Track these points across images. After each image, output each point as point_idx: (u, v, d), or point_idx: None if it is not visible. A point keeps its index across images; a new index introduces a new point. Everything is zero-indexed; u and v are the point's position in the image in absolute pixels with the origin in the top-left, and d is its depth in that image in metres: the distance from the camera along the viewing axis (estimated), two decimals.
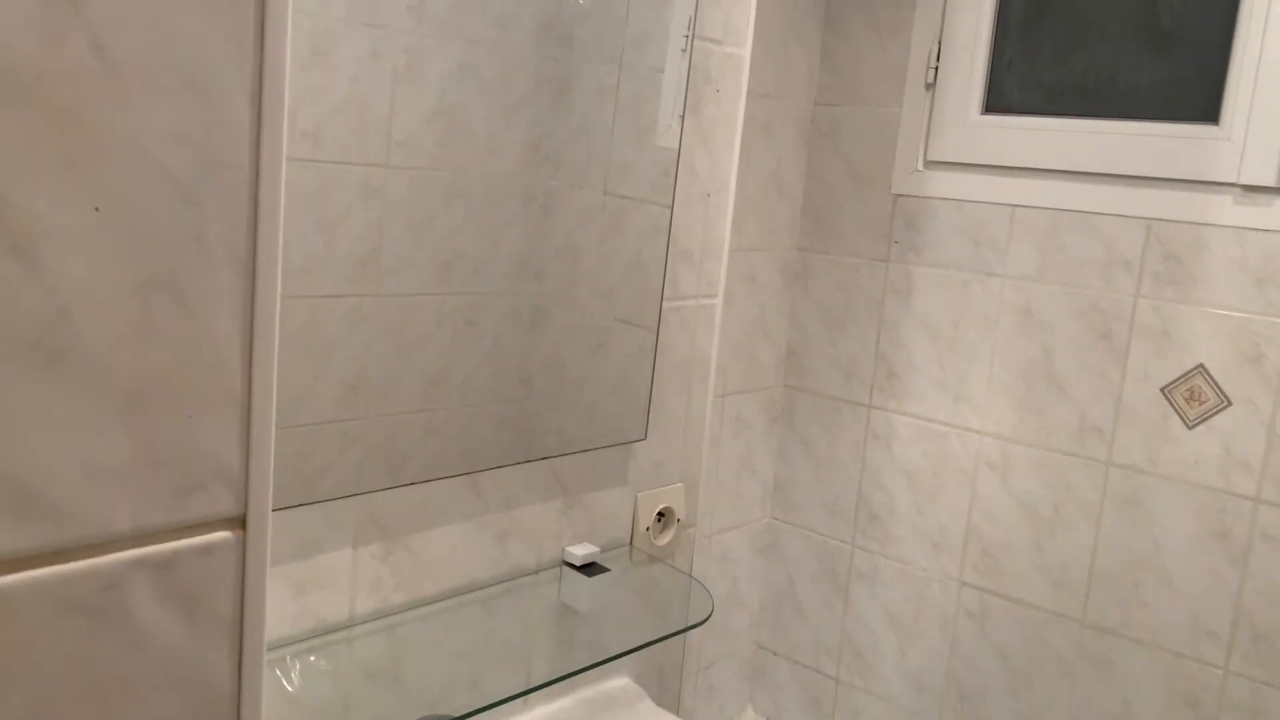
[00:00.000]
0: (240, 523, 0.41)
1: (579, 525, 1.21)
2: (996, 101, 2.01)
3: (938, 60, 2.05)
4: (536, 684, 1.10)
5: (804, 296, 2.27)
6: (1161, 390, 1.83)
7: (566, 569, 1.20)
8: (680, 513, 1.31)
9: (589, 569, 1.19)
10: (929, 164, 2.08)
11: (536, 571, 1.19)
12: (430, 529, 1.07)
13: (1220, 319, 1.76)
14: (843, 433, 2.24)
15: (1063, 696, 1.97)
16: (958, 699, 2.10)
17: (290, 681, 0.95)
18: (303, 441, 1.00)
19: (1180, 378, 1.81)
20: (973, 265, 2.03)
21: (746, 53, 1.31)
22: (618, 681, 1.30)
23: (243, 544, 0.41)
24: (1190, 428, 1.80)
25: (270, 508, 0.42)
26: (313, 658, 0.98)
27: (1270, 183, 1.69)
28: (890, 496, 2.17)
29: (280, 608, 0.95)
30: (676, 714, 1.38)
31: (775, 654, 2.39)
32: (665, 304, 1.22)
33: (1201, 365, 1.79)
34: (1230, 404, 1.76)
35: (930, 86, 2.06)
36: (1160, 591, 1.85)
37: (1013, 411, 2.00)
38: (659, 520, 1.30)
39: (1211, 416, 1.78)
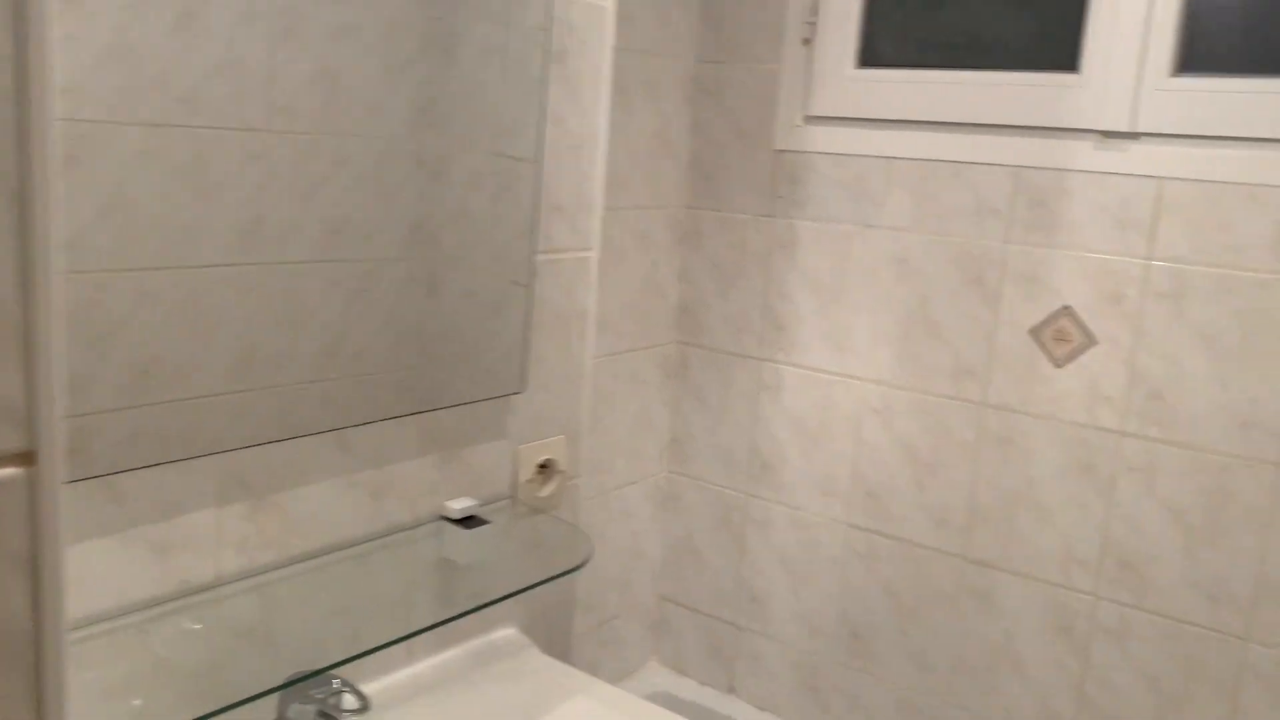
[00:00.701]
0: (30, 458, 0.42)
1: (458, 480, 1.23)
2: (871, 55, 2.05)
3: (814, 15, 2.08)
4: (415, 629, 1.12)
5: (696, 253, 2.30)
6: (1030, 332, 1.90)
7: (445, 523, 1.22)
8: (563, 464, 1.34)
9: (468, 522, 1.21)
10: (809, 119, 2.12)
11: (414, 527, 1.21)
12: (298, 487, 1.08)
13: (1085, 261, 1.84)
14: (735, 386, 2.28)
15: (948, 630, 2.05)
16: (850, 637, 2.18)
17: (158, 643, 0.96)
18: (175, 411, 1.00)
19: (1048, 319, 1.88)
20: (853, 218, 2.07)
21: (609, 2, 1.32)
22: (504, 632, 1.33)
23: (33, 480, 0.42)
24: (1058, 367, 1.88)
25: (60, 444, 0.43)
26: (180, 619, 0.99)
27: (1125, 128, 1.76)
28: (781, 446, 2.23)
29: (141, 570, 0.95)
30: (566, 662, 1.42)
31: (677, 604, 2.44)
32: (538, 257, 1.24)
33: (1068, 306, 1.86)
34: (1095, 343, 1.84)
35: (808, 42, 2.10)
36: (1034, 524, 1.94)
37: (893, 358, 2.06)
38: (541, 472, 1.32)
39: (1078, 355, 1.86)
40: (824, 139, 2.09)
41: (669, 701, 2.38)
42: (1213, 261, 1.73)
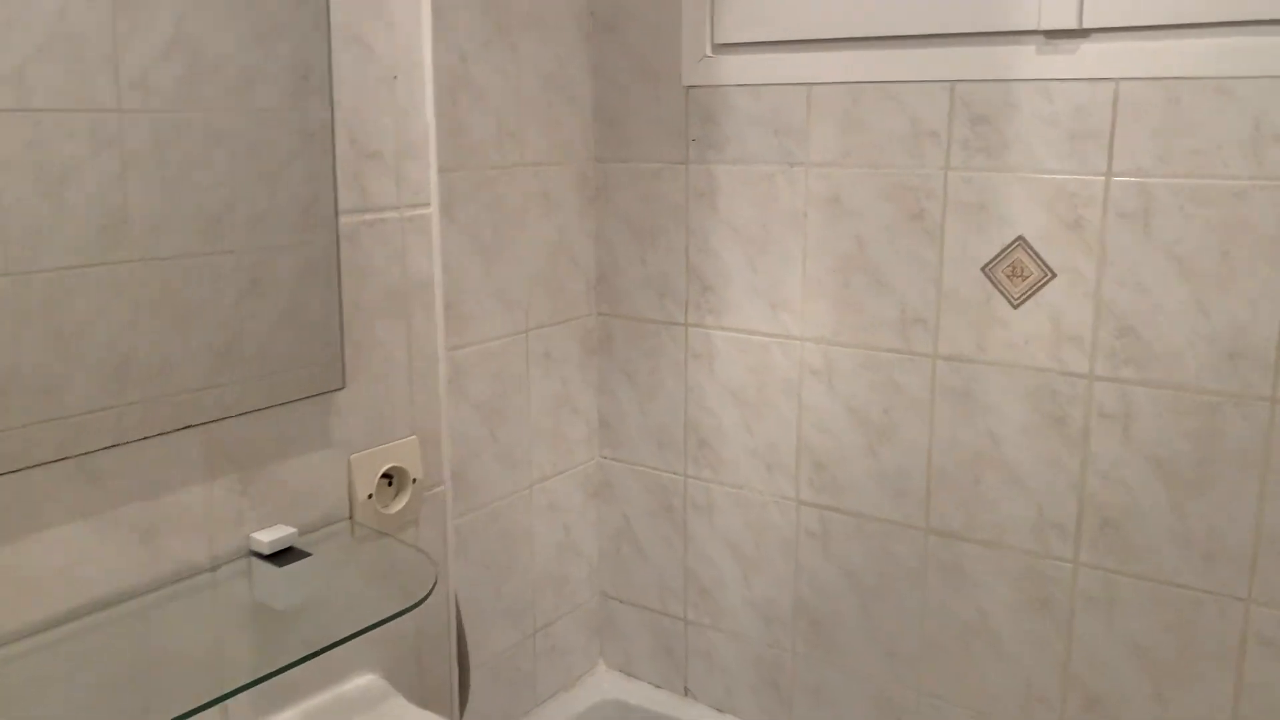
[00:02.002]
0: None
1: (271, 504, 0.99)
2: None
3: None
4: (221, 694, 0.88)
5: (608, 213, 2.05)
6: (983, 269, 1.67)
7: (256, 560, 0.98)
8: (416, 472, 1.10)
9: (283, 556, 0.98)
10: (718, 48, 1.87)
11: (215, 568, 0.97)
12: (28, 535, 0.84)
13: (1036, 183, 1.60)
14: (663, 357, 2.04)
15: (915, 610, 1.82)
16: (809, 625, 1.95)
17: None
18: None
19: (1000, 254, 1.65)
20: (775, 156, 1.83)
21: None
22: (360, 680, 1.09)
23: None
24: (1016, 306, 1.65)
25: None
26: None
27: (1071, 25, 1.52)
28: (718, 419, 1.99)
29: None
30: (453, 705, 1.18)
31: (621, 601, 2.21)
32: (346, 219, 0.99)
33: (1021, 237, 1.63)
34: (1054, 276, 1.61)
35: None
36: (1002, 487, 1.71)
37: (832, 312, 1.82)
38: (389, 484, 1.09)
39: (1036, 292, 1.63)
40: (737, 70, 1.84)
41: (620, 710, 2.15)
42: (1180, 171, 1.49)
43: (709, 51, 1.87)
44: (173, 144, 0.94)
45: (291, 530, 0.99)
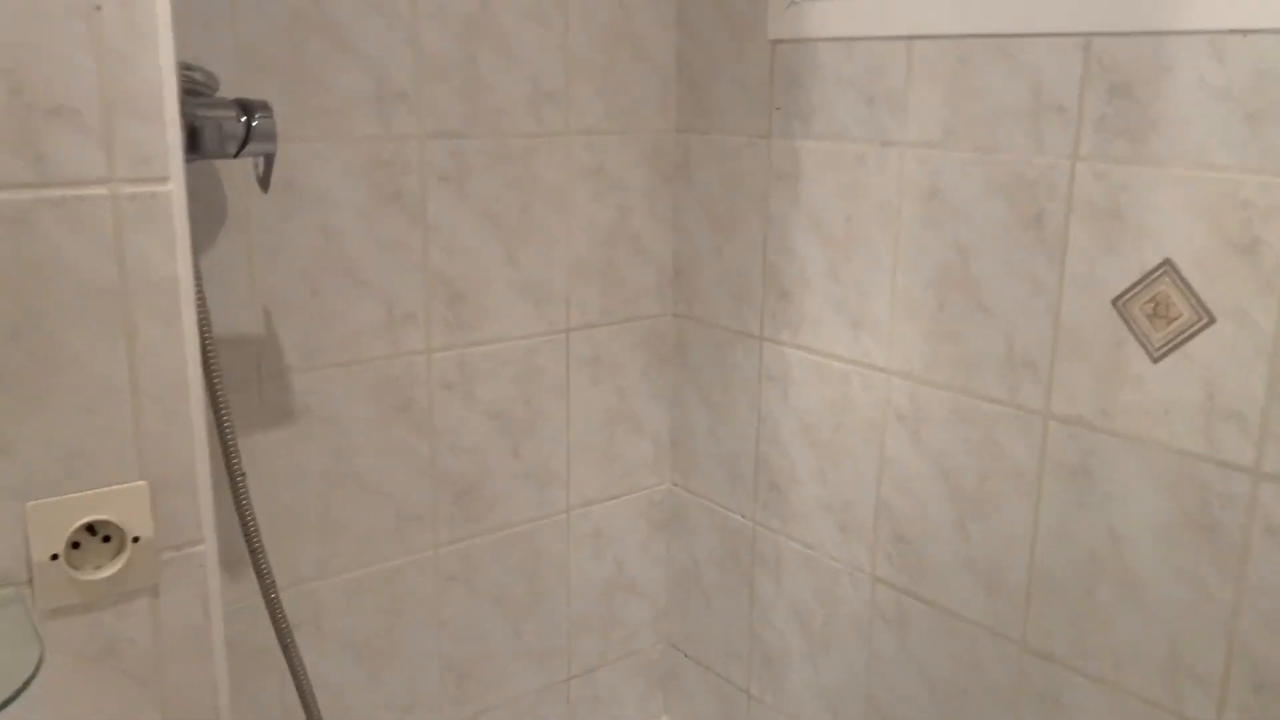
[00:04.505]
0: None
1: None
2: None
3: None
4: None
5: (687, 194, 1.70)
6: (1114, 302, 1.18)
7: None
8: (140, 527, 0.84)
9: None
10: None
11: None
12: None
13: (1194, 184, 1.10)
14: (736, 374, 1.67)
15: None
16: None
17: None
18: None
19: (1139, 283, 1.16)
20: (867, 131, 1.41)
21: None
22: None
23: None
24: (1156, 359, 1.15)
25: None
26: None
27: None
28: (790, 459, 1.60)
29: None
30: None
31: (687, 656, 1.87)
32: (8, 195, 0.74)
33: (1169, 262, 1.13)
34: (1212, 320, 1.10)
35: None
36: (1122, 607, 1.22)
37: (923, 340, 1.38)
38: (105, 542, 0.83)
39: (1186, 341, 1.13)
40: (827, 19, 1.43)
41: None
42: None
43: None
44: None
45: None
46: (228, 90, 1.26)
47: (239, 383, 1.35)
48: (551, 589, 1.72)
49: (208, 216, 1.29)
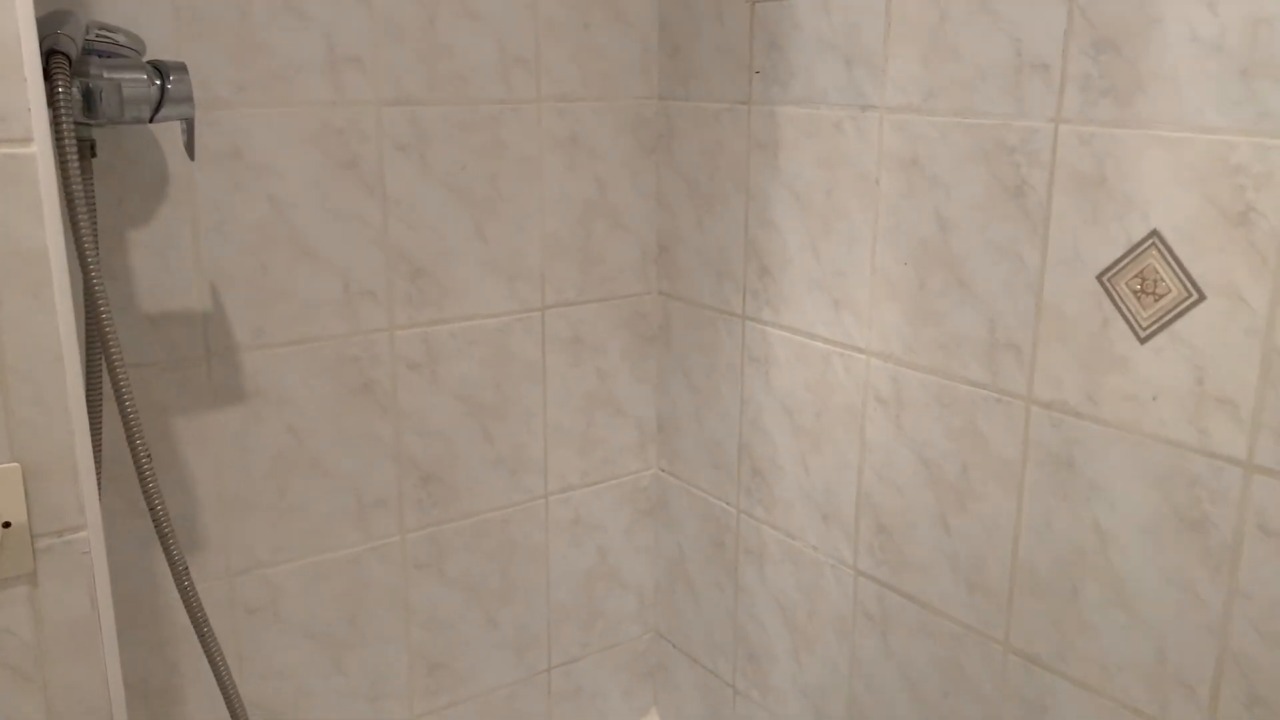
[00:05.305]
0: None
1: None
2: None
3: None
4: None
5: (670, 165, 1.62)
6: (1099, 278, 1.09)
7: None
8: (10, 513, 0.79)
9: None
10: None
11: None
12: None
13: (1183, 147, 1.00)
14: (719, 355, 1.59)
15: None
16: None
17: None
18: None
19: (1126, 256, 1.06)
20: (845, 95, 1.32)
21: None
22: None
23: None
24: (1143, 340, 1.06)
25: None
26: None
27: None
28: (772, 443, 1.52)
29: None
30: None
31: (675, 646, 1.80)
32: None
33: (1156, 233, 1.03)
34: (1202, 298, 1.00)
35: None
36: (1108, 608, 1.13)
37: (903, 320, 1.29)
38: None
39: (1174, 320, 1.03)
40: None
41: None
42: None
43: None
44: None
45: None
46: (164, 54, 1.20)
47: (184, 361, 1.30)
48: (529, 578, 1.66)
49: (147, 185, 1.24)
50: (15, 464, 0.81)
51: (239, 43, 1.26)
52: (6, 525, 0.81)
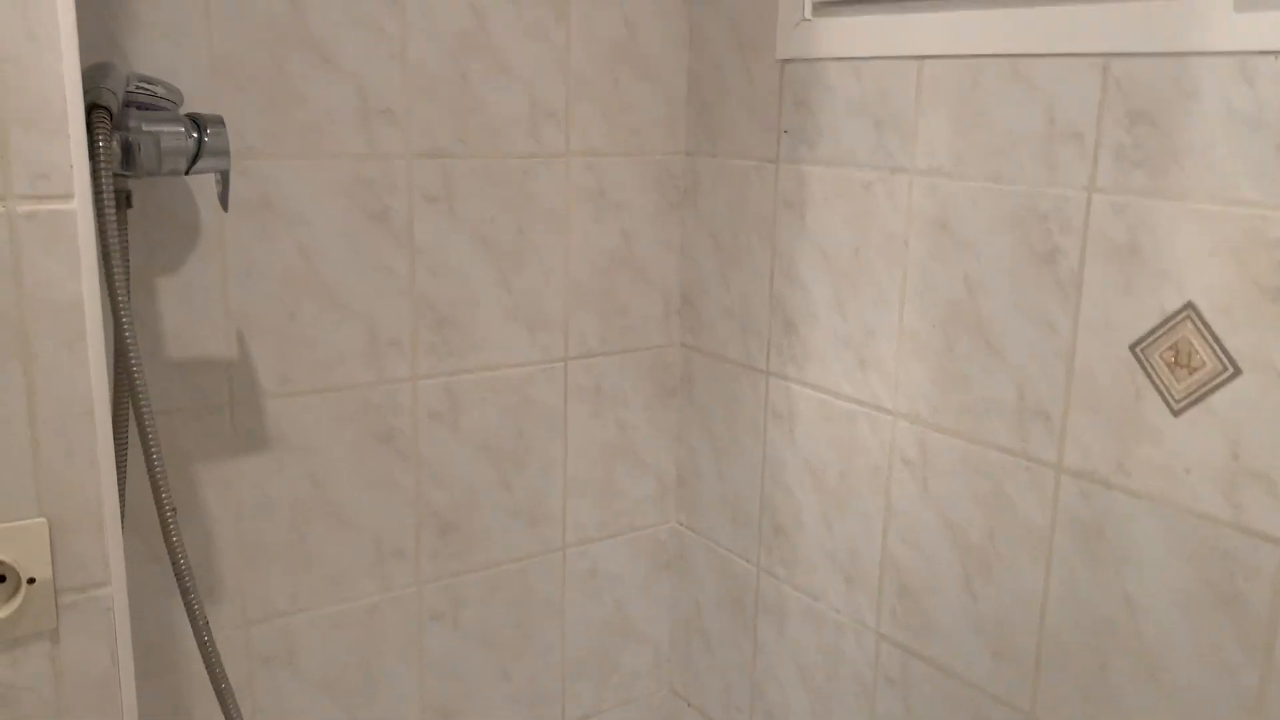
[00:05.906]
0: None
1: None
2: None
3: None
4: None
5: (695, 219, 1.62)
6: (1132, 349, 1.08)
7: None
8: (36, 568, 0.79)
9: None
10: (818, 7, 1.37)
11: None
12: None
13: (1219, 220, 0.99)
14: (741, 409, 1.59)
15: None
16: None
17: None
18: None
19: (1159, 328, 1.05)
20: (874, 158, 1.32)
21: None
22: None
23: None
24: (1177, 413, 1.04)
25: None
26: None
27: None
28: (795, 502, 1.51)
29: None
30: None
31: (690, 704, 1.78)
32: None
33: (1191, 305, 1.02)
34: (1238, 372, 0.99)
35: None
36: (1137, 684, 1.11)
37: (931, 382, 1.29)
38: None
39: (1209, 393, 1.02)
40: (837, 37, 1.35)
41: None
42: None
43: (807, 14, 1.38)
44: None
45: None
46: (200, 106, 1.21)
47: (208, 408, 1.30)
48: (544, 630, 1.64)
49: (179, 233, 1.25)
50: (42, 519, 0.80)
51: (273, 93, 1.27)
52: (31, 581, 0.80)
